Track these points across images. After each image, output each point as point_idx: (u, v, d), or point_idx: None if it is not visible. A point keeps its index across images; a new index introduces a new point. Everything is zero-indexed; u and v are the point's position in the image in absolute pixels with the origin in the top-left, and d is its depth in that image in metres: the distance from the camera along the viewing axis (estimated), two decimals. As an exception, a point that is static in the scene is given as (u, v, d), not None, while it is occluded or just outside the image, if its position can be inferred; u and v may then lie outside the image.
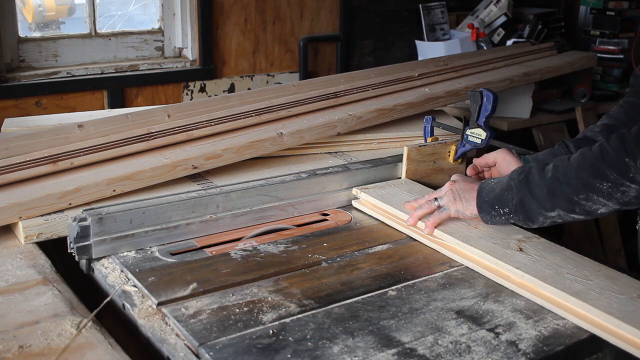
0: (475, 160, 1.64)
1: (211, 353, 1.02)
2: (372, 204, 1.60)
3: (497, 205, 1.37)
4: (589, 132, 1.61)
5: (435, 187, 1.63)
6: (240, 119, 1.81)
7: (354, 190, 1.65)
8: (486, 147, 1.68)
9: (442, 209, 1.44)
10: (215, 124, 1.76)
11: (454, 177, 1.49)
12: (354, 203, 1.64)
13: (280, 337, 1.07)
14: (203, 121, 1.75)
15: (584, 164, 1.27)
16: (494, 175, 1.61)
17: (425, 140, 1.81)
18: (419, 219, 1.46)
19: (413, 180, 1.72)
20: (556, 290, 1.19)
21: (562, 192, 1.28)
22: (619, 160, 1.21)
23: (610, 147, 1.24)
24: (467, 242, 1.36)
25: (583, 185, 1.25)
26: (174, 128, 1.70)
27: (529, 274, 1.24)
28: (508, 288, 1.25)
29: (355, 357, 1.03)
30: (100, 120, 1.65)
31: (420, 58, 3.29)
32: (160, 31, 2.88)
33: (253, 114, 1.84)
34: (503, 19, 3.35)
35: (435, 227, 1.42)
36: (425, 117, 1.85)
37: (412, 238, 1.47)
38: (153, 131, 1.67)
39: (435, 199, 1.46)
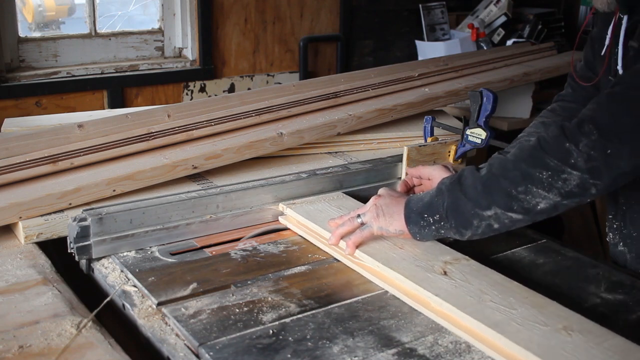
0: (409, 170, 1.53)
1: (211, 353, 1.02)
2: (298, 220, 1.49)
3: (427, 214, 1.24)
4: (525, 142, 1.49)
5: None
6: (241, 119, 1.81)
7: (280, 206, 1.54)
8: (486, 147, 1.68)
9: (364, 227, 1.30)
10: (215, 124, 1.76)
11: (380, 191, 1.37)
12: (281, 219, 1.52)
13: (280, 337, 1.07)
14: (203, 121, 1.75)
15: (521, 155, 1.18)
16: (426, 187, 1.50)
17: (425, 140, 1.81)
18: (341, 238, 1.34)
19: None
20: (474, 320, 1.08)
21: (498, 187, 1.17)
22: (559, 146, 1.14)
23: (549, 136, 1.16)
24: (387, 265, 1.24)
25: (521, 176, 1.15)
26: (174, 128, 1.70)
27: (448, 302, 1.12)
28: (428, 317, 1.14)
29: (355, 357, 1.02)
30: (100, 120, 1.65)
31: (420, 58, 3.29)
32: (160, 31, 2.88)
33: (253, 114, 1.84)
34: (503, 19, 3.35)
35: (357, 247, 1.30)
36: (425, 117, 1.85)
37: (336, 259, 1.35)
38: (153, 131, 1.67)
39: (359, 215, 1.32)
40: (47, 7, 2.79)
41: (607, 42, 1.41)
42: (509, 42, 3.25)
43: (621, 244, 1.44)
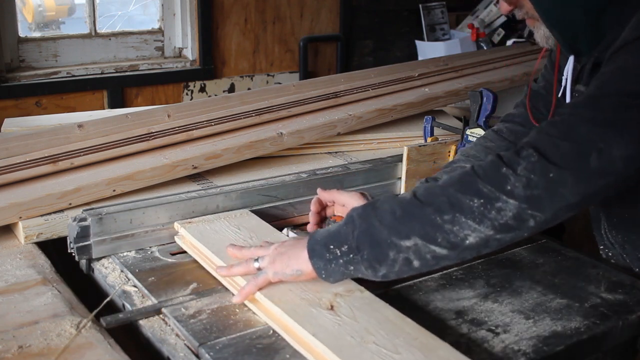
0: (321, 194, 1.36)
1: (211, 353, 1.02)
2: (191, 242, 1.35)
3: (333, 244, 1.06)
4: (460, 168, 1.29)
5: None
6: (241, 119, 1.81)
7: (175, 225, 1.40)
8: None
9: (259, 273, 1.13)
10: (215, 124, 1.76)
11: (289, 235, 1.30)
12: (177, 239, 1.38)
13: (280, 337, 1.07)
14: (203, 121, 1.75)
15: (451, 181, 1.04)
16: (339, 213, 1.35)
17: (425, 140, 1.81)
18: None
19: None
20: None
21: (421, 214, 1.01)
22: (494, 171, 1.01)
23: (485, 162, 1.04)
24: (269, 296, 1.10)
25: (449, 203, 1.00)
26: (174, 128, 1.70)
27: (324, 343, 0.98)
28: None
29: (355, 357, 1.02)
30: (100, 120, 1.65)
31: (420, 58, 3.29)
32: (160, 31, 2.88)
33: (253, 114, 1.84)
34: (503, 19, 3.35)
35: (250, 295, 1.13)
36: (425, 117, 1.85)
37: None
38: (153, 131, 1.67)
39: (257, 259, 1.15)
40: (47, 7, 2.79)
41: (563, 83, 1.35)
42: (509, 42, 3.26)
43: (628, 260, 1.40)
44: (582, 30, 1.20)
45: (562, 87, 1.35)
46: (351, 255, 1.05)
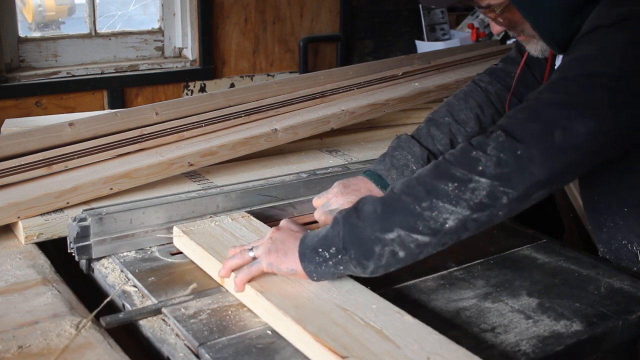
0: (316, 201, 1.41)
1: (211, 353, 1.02)
2: (190, 245, 1.32)
3: (322, 248, 1.08)
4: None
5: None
6: (230, 119, 1.83)
7: (175, 229, 1.37)
8: None
9: (254, 262, 1.14)
10: (205, 125, 1.78)
11: (282, 222, 1.21)
12: (175, 242, 1.37)
13: (280, 337, 1.06)
14: (194, 122, 1.77)
15: (425, 171, 1.08)
16: None
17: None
18: (232, 271, 1.17)
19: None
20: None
21: (400, 205, 1.05)
22: (465, 155, 1.06)
23: (456, 150, 1.09)
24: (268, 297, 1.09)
25: (425, 190, 1.04)
26: (166, 129, 1.72)
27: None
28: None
29: (355, 357, 1.02)
30: (91, 119, 1.67)
31: (420, 58, 3.28)
32: (160, 31, 2.88)
33: (242, 115, 1.86)
34: (503, 19, 3.34)
35: (246, 283, 1.14)
36: None
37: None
38: (145, 133, 1.68)
39: (252, 248, 1.17)
40: (47, 7, 2.80)
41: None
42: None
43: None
44: (575, 32, 1.23)
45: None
46: (339, 256, 1.08)
